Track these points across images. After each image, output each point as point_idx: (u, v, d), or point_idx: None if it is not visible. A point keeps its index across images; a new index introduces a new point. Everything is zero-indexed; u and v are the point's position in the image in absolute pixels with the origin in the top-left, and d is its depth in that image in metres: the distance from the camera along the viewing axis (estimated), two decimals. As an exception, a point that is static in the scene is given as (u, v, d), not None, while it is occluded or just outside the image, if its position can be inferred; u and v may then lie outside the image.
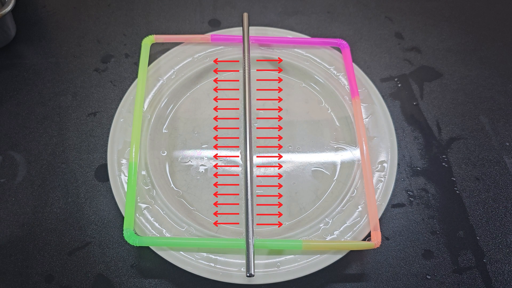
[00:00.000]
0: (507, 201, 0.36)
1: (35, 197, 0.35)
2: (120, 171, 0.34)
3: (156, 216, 0.33)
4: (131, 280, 0.32)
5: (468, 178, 0.37)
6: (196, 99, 0.40)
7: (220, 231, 0.33)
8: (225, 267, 0.31)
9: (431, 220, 0.35)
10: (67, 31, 0.44)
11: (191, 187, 0.35)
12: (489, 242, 0.34)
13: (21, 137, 0.38)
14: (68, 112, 0.40)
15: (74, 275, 0.32)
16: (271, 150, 0.37)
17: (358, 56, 0.43)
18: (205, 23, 0.45)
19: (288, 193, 0.35)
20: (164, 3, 0.47)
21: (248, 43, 0.39)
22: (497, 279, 0.33)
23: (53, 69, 0.42)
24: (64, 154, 0.37)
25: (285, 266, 0.31)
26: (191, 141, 0.37)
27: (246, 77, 0.37)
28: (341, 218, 0.33)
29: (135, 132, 0.35)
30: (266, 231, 0.34)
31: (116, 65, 0.42)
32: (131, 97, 0.37)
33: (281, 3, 0.47)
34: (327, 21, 0.46)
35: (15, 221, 0.34)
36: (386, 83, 0.42)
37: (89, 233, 0.34)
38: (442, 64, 0.43)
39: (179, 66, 0.40)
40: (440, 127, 0.40)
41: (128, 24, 0.45)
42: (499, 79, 0.43)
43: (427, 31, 0.45)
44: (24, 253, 0.33)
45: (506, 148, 0.39)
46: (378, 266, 0.33)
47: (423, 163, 0.38)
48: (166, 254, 0.31)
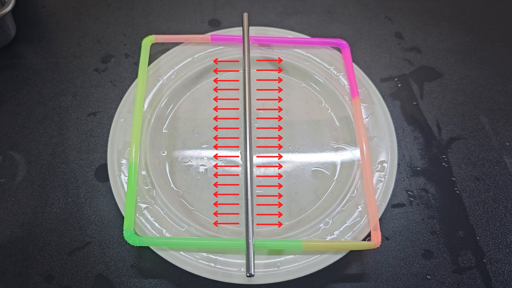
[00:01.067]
0: (507, 201, 0.36)
1: (35, 197, 0.35)
2: (120, 171, 0.34)
3: (156, 216, 0.33)
4: (131, 280, 0.32)
5: (468, 178, 0.37)
6: (196, 99, 0.40)
7: (220, 231, 0.33)
8: (225, 267, 0.31)
9: (431, 220, 0.35)
10: (67, 31, 0.44)
11: (191, 187, 0.35)
12: (489, 242, 0.34)
13: (21, 137, 0.38)
14: (68, 112, 0.40)
15: (74, 275, 0.32)
16: (271, 150, 0.37)
17: (358, 56, 0.43)
18: (205, 23, 0.45)
19: (288, 193, 0.35)
20: (164, 3, 0.47)
21: (248, 43, 0.39)
22: (497, 279, 0.33)
23: (53, 69, 0.42)
24: (64, 154, 0.37)
25: (285, 266, 0.31)
26: (191, 141, 0.37)
27: (246, 77, 0.37)
28: (341, 218, 0.33)
29: (135, 132, 0.35)
30: (266, 231, 0.34)
31: (116, 65, 0.42)
32: (131, 97, 0.37)
33: (281, 3, 0.47)
34: (327, 21, 0.46)
35: (15, 221, 0.34)
36: (386, 83, 0.42)
37: (89, 233, 0.34)
38: (442, 64, 0.43)
39: (179, 66, 0.40)
40: (440, 127, 0.40)
41: (128, 24, 0.45)
42: (499, 79, 0.43)
43: (427, 31, 0.46)
44: (24, 253, 0.33)
45: (506, 148, 0.39)
46: (378, 266, 0.33)
47: (423, 163, 0.38)
48: (166, 254, 0.31)
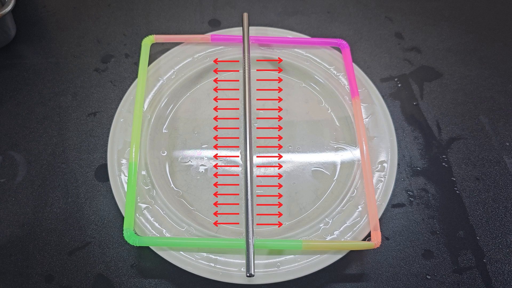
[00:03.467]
0: (507, 201, 0.36)
1: (35, 197, 0.35)
2: (120, 171, 0.34)
3: (156, 216, 0.33)
4: (131, 280, 0.32)
5: (468, 178, 0.37)
6: (196, 99, 0.40)
7: (220, 231, 0.33)
8: (225, 267, 0.31)
9: (431, 220, 0.35)
10: (67, 31, 0.44)
11: (191, 187, 0.35)
12: (489, 242, 0.34)
13: (21, 137, 0.38)
14: (68, 112, 0.40)
15: (74, 275, 0.32)
16: (271, 150, 0.37)
17: (358, 56, 0.43)
18: (205, 23, 0.45)
19: (288, 193, 0.35)
20: (164, 3, 0.47)
21: (248, 43, 0.39)
22: (497, 279, 0.33)
23: (53, 69, 0.42)
24: (64, 154, 0.37)
25: (285, 266, 0.31)
26: (191, 141, 0.37)
27: (246, 77, 0.37)
28: (341, 218, 0.33)
29: (135, 132, 0.35)
30: (266, 231, 0.34)
31: (116, 65, 0.42)
32: (131, 97, 0.37)
33: (281, 3, 0.47)
34: (327, 21, 0.46)
35: (15, 221, 0.34)
36: (386, 83, 0.42)
37: (89, 233, 0.34)
38: (442, 64, 0.43)
39: (179, 66, 0.40)
40: (440, 127, 0.40)
41: (128, 24, 0.45)
42: (499, 79, 0.43)
43: (427, 31, 0.46)
44: (24, 253, 0.33)
45: (506, 148, 0.39)
46: (378, 266, 0.33)
47: (423, 163, 0.38)
48: (166, 254, 0.31)
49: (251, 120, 0.35)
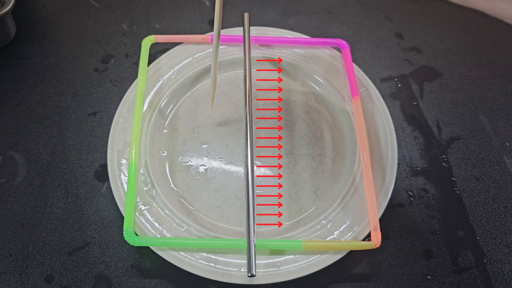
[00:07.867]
0: (507, 201, 0.36)
1: (35, 197, 0.35)
2: (120, 171, 0.34)
3: (156, 216, 0.33)
4: (131, 280, 0.32)
5: (468, 178, 0.37)
6: (196, 99, 0.40)
7: (220, 231, 0.33)
8: (225, 267, 0.31)
9: (431, 220, 0.35)
10: (67, 31, 0.44)
11: (191, 187, 0.35)
12: (489, 242, 0.34)
13: (21, 137, 0.38)
14: (68, 112, 0.40)
15: (74, 275, 0.32)
16: (271, 150, 0.37)
17: (358, 56, 0.43)
18: (205, 23, 0.45)
19: (288, 193, 0.35)
20: (164, 3, 0.47)
21: (249, 43, 0.39)
22: (497, 279, 0.33)
23: (53, 69, 0.42)
24: (64, 154, 0.37)
25: (285, 266, 0.31)
26: (191, 141, 0.37)
27: (247, 77, 0.37)
28: (341, 218, 0.33)
29: (135, 132, 0.35)
30: (266, 231, 0.34)
31: (116, 65, 0.42)
32: (131, 97, 0.37)
33: (281, 3, 0.47)
34: (327, 21, 0.46)
35: (15, 221, 0.34)
36: (386, 83, 0.42)
37: (89, 233, 0.34)
38: (442, 64, 0.43)
39: (179, 66, 0.40)
40: (440, 127, 0.40)
41: (128, 24, 0.45)
42: (499, 79, 0.43)
43: (427, 31, 0.45)
44: (24, 253, 0.33)
45: (506, 148, 0.39)
46: (378, 266, 0.33)
47: (423, 163, 0.38)
48: (166, 254, 0.31)
49: (251, 120, 0.35)
